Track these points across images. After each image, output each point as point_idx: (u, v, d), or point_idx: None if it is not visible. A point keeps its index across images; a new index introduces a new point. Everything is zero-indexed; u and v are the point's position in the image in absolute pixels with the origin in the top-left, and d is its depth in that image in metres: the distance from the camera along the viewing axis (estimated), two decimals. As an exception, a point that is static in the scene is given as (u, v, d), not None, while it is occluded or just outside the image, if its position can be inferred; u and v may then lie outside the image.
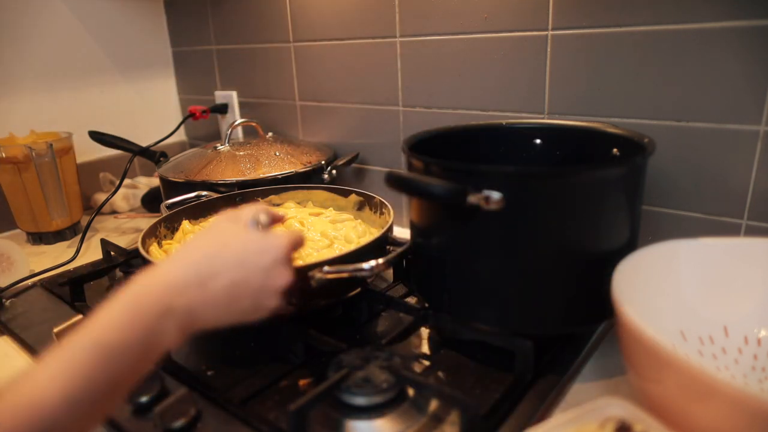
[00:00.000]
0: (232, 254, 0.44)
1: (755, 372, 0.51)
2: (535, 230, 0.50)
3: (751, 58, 0.61)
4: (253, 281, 0.44)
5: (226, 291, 0.43)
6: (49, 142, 0.95)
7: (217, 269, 0.43)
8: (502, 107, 0.82)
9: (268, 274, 0.45)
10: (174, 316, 0.41)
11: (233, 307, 0.44)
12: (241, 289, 0.44)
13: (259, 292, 0.45)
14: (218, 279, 0.43)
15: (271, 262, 0.45)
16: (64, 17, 1.13)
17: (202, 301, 0.42)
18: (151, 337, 0.39)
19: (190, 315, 0.42)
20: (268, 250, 0.45)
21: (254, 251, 0.45)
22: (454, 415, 0.49)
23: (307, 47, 1.04)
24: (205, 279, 0.43)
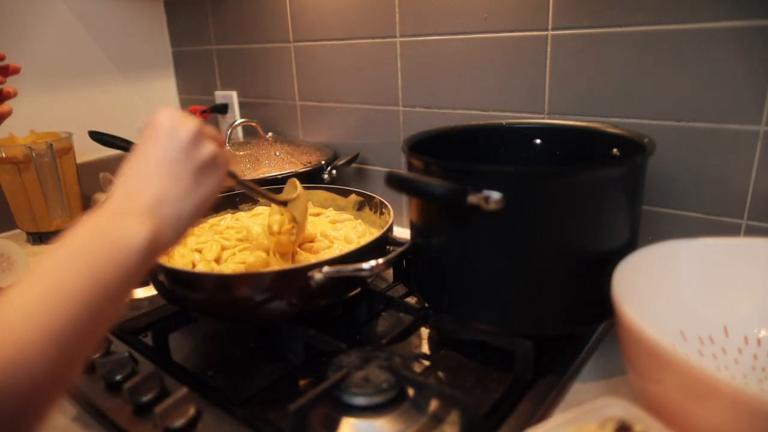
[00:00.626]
0: (149, 145, 0.43)
1: (755, 372, 0.51)
2: (535, 230, 0.50)
3: (751, 58, 0.61)
4: (182, 162, 0.43)
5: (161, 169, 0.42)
6: (49, 142, 0.96)
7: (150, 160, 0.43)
8: (502, 107, 0.82)
9: (191, 148, 0.43)
10: (133, 212, 0.40)
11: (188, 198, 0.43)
12: (179, 175, 0.43)
13: (196, 169, 0.44)
14: (149, 162, 0.42)
15: (188, 134, 0.43)
16: (65, 17, 1.13)
17: (168, 217, 0.41)
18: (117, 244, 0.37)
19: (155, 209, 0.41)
20: (177, 128, 0.44)
21: (169, 130, 0.43)
22: (454, 415, 0.48)
23: (307, 47, 1.04)
24: (139, 170, 0.42)
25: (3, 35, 1.05)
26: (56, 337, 0.32)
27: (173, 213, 0.42)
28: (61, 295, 0.33)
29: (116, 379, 0.55)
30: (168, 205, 0.42)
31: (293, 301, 0.57)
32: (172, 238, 0.42)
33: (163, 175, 0.42)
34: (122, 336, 0.63)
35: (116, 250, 0.37)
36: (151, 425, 0.49)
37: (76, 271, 0.35)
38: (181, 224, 0.43)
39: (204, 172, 0.44)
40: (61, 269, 0.35)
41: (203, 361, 0.60)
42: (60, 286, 0.34)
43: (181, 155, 0.43)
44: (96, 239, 0.37)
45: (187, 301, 0.60)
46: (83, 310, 0.33)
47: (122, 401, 0.52)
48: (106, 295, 0.35)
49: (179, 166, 0.43)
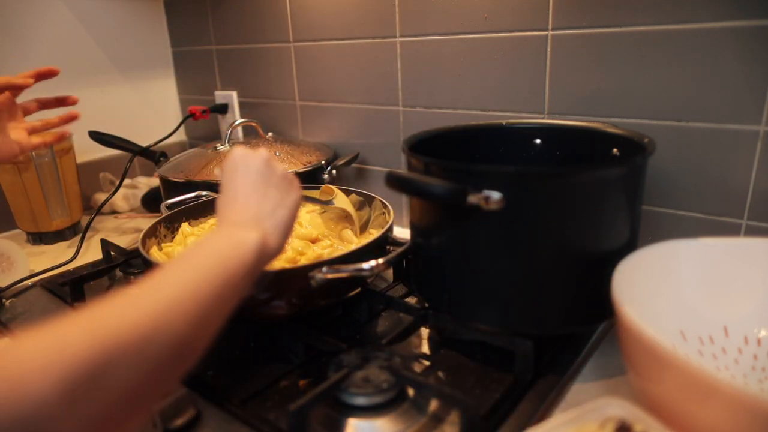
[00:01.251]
0: (233, 178, 0.51)
1: (755, 372, 0.51)
2: (535, 230, 0.50)
3: (751, 58, 0.61)
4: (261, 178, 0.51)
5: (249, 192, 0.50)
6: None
7: (239, 189, 0.50)
8: (502, 107, 0.82)
9: (268, 165, 0.52)
10: (244, 225, 0.46)
11: (279, 212, 0.50)
12: (261, 186, 0.50)
13: (277, 183, 0.51)
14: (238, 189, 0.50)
15: (257, 160, 0.52)
16: (65, 17, 1.13)
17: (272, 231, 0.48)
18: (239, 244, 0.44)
19: (257, 222, 0.47)
20: (248, 157, 0.52)
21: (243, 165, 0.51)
22: (454, 415, 0.49)
23: (307, 47, 1.04)
24: (234, 198, 0.49)
25: (3, 35, 1.05)
26: (196, 316, 0.37)
27: (273, 223, 0.49)
28: (199, 281, 0.39)
29: (116, 379, 0.55)
30: (266, 218, 0.49)
31: (293, 301, 0.57)
32: (278, 243, 0.48)
33: (253, 196, 0.50)
34: (122, 336, 0.63)
35: (239, 249, 0.43)
36: (151, 425, 0.49)
37: (210, 264, 0.40)
38: (282, 231, 0.49)
39: (282, 187, 0.52)
40: (196, 261, 0.40)
41: (203, 361, 0.60)
42: (197, 275, 0.39)
43: (260, 179, 0.51)
44: (222, 242, 0.44)
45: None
46: (215, 297, 0.39)
47: (122, 401, 0.52)
48: (232, 288, 0.41)
49: (262, 187, 0.50)
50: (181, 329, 0.35)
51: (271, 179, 0.51)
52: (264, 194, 0.50)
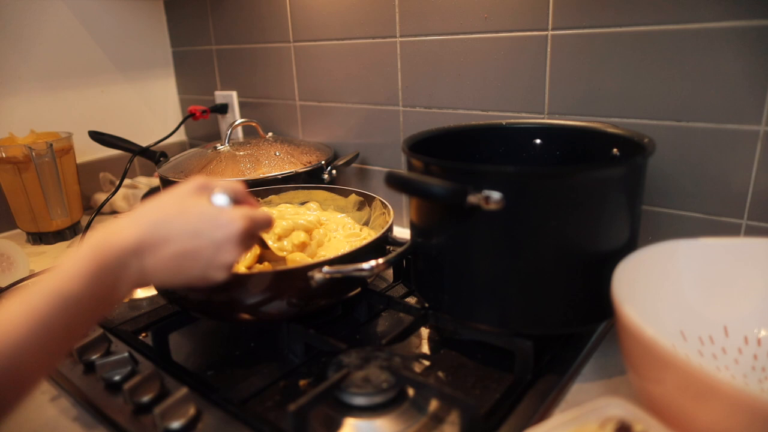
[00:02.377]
0: (187, 223, 0.46)
1: (755, 372, 0.51)
2: (535, 230, 0.50)
3: (751, 58, 0.61)
4: (202, 253, 0.46)
5: (175, 258, 0.45)
6: (49, 142, 0.96)
7: (170, 235, 0.45)
8: (502, 107, 0.82)
9: (219, 248, 0.46)
10: (128, 274, 0.43)
11: (181, 274, 0.46)
12: (189, 259, 0.46)
13: (208, 264, 0.46)
14: (169, 245, 0.45)
15: (223, 237, 0.46)
16: (65, 17, 1.13)
17: (152, 263, 0.45)
18: (106, 290, 0.42)
19: (142, 274, 0.44)
20: (223, 225, 0.46)
21: (208, 224, 0.46)
22: (454, 415, 0.49)
23: (307, 47, 1.04)
24: (157, 243, 0.45)
25: (3, 35, 1.05)
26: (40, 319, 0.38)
27: (153, 282, 0.47)
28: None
29: (116, 379, 0.55)
30: (159, 280, 0.46)
31: (293, 301, 0.57)
32: (132, 292, 0.46)
33: (172, 264, 0.45)
34: (122, 336, 0.64)
35: (103, 302, 0.43)
36: (151, 425, 0.49)
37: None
38: (149, 284, 0.47)
39: (209, 269, 0.47)
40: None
41: (203, 361, 0.60)
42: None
43: (203, 256, 0.46)
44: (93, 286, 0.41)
45: (187, 301, 0.60)
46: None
47: (122, 401, 0.52)
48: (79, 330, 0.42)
49: (190, 265, 0.46)
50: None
51: (216, 260, 0.46)
52: (181, 270, 0.46)
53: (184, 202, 0.47)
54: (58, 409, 0.55)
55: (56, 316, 0.39)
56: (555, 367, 0.55)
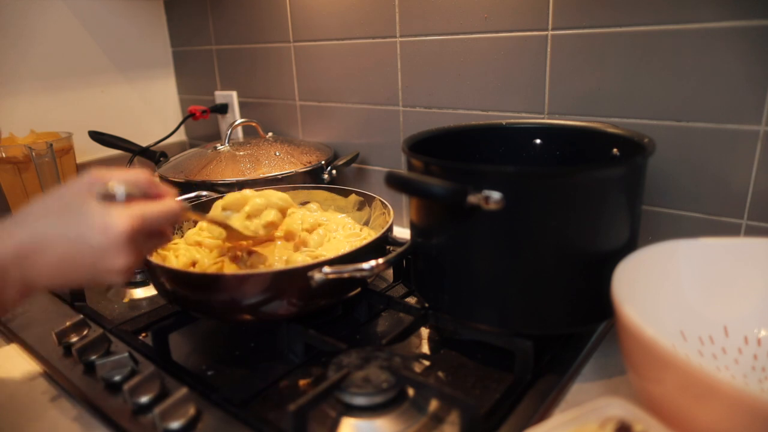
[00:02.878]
0: (67, 227, 0.43)
1: (755, 372, 0.51)
2: (535, 230, 0.50)
3: (751, 58, 0.61)
4: (83, 260, 0.43)
5: (56, 265, 0.43)
6: (49, 142, 0.96)
7: (48, 241, 0.43)
8: (502, 107, 0.82)
9: (102, 254, 0.43)
10: (10, 279, 0.43)
11: (67, 279, 0.45)
12: (71, 266, 0.44)
13: (93, 270, 0.44)
14: (48, 252, 0.43)
15: (106, 242, 0.43)
16: (65, 17, 1.13)
17: (35, 271, 0.43)
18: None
19: (26, 280, 0.43)
20: (104, 229, 0.43)
21: (89, 228, 0.43)
22: (454, 415, 0.49)
23: (307, 47, 1.04)
24: (36, 250, 0.43)
25: (3, 35, 1.05)
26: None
27: (41, 288, 0.45)
28: None
29: (116, 379, 0.55)
30: (46, 285, 0.45)
31: (293, 301, 0.57)
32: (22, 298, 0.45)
33: (58, 266, 0.43)
34: (122, 336, 0.64)
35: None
36: (151, 425, 0.49)
37: None
38: (38, 290, 0.46)
39: (99, 273, 0.44)
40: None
41: (203, 361, 0.60)
42: None
43: (84, 257, 0.43)
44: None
45: (187, 301, 0.60)
46: None
47: (122, 401, 0.52)
48: None
49: (74, 265, 0.44)
50: None
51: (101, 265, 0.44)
52: (70, 271, 0.44)
53: (69, 202, 0.44)
54: (58, 409, 0.55)
55: None
56: (555, 367, 0.55)
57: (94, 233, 0.43)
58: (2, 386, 0.59)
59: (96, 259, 0.43)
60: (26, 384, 0.59)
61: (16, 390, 0.58)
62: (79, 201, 0.44)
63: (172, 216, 0.48)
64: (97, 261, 0.43)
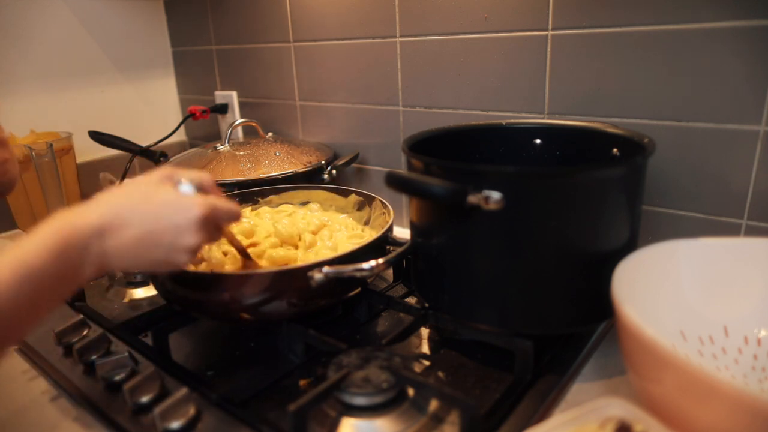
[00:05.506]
0: (149, 208, 0.47)
1: (755, 372, 0.51)
2: (535, 230, 0.50)
3: (751, 58, 0.61)
4: (163, 236, 0.47)
5: (137, 241, 0.46)
6: (49, 142, 0.95)
7: (132, 219, 0.46)
8: (502, 107, 0.82)
9: (179, 231, 0.47)
10: (90, 254, 0.45)
11: (144, 257, 0.47)
12: (150, 243, 0.47)
13: (169, 247, 0.48)
14: (131, 229, 0.46)
15: (185, 220, 0.47)
16: (65, 17, 1.13)
17: (114, 246, 0.46)
18: (70, 269, 0.43)
19: (105, 256, 0.45)
20: (184, 209, 0.48)
21: (170, 208, 0.48)
22: (454, 415, 0.48)
23: (307, 47, 1.04)
24: (119, 226, 0.46)
25: (3, 35, 1.05)
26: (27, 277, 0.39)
27: (116, 266, 0.47)
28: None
29: (116, 379, 0.55)
30: (122, 263, 0.47)
31: (293, 301, 0.57)
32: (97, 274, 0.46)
33: (138, 247, 0.46)
34: (122, 336, 0.63)
35: (66, 280, 0.44)
36: (151, 425, 0.49)
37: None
38: (114, 268, 0.48)
39: (172, 254, 0.48)
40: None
41: (203, 361, 0.60)
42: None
43: (165, 240, 0.47)
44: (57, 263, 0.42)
45: (187, 301, 0.60)
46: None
47: (122, 401, 0.52)
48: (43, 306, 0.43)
49: (154, 247, 0.47)
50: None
51: (177, 245, 0.48)
52: (151, 250, 0.47)
53: (148, 189, 0.49)
54: (58, 409, 0.55)
55: (20, 285, 0.39)
56: (555, 367, 0.55)
57: (176, 212, 0.47)
58: (2, 386, 0.59)
59: (174, 237, 0.47)
60: (26, 384, 0.59)
61: (16, 390, 0.58)
62: (159, 189, 0.49)
63: (234, 215, 0.53)
64: (174, 239, 0.47)
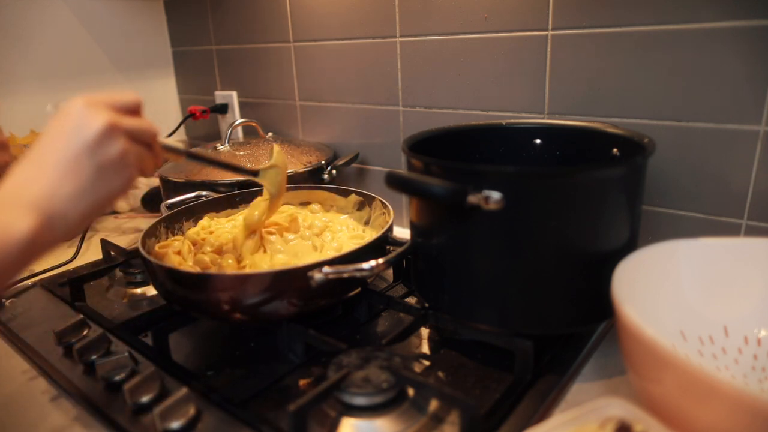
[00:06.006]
0: (52, 136, 0.43)
1: (755, 372, 0.51)
2: (535, 230, 0.50)
3: (751, 58, 0.61)
4: (83, 167, 0.42)
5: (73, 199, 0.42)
6: (49, 142, 0.95)
7: (49, 153, 0.42)
8: (502, 107, 0.82)
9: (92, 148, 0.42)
10: (20, 204, 0.40)
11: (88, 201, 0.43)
12: (80, 185, 0.42)
13: (97, 169, 0.43)
14: (47, 155, 0.42)
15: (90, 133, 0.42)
16: (65, 17, 1.13)
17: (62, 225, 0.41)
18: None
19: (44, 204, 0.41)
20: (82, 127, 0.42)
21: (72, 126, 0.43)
22: (454, 415, 0.48)
23: (307, 47, 1.04)
24: (37, 162, 0.42)
25: (3, 35, 1.05)
26: None
27: (62, 210, 0.41)
28: None
29: (116, 379, 0.55)
30: (58, 201, 0.41)
31: (293, 301, 0.57)
32: (59, 234, 0.42)
33: (58, 170, 0.41)
34: (122, 336, 0.63)
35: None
36: (151, 425, 0.49)
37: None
38: (71, 222, 0.42)
39: (108, 171, 0.43)
40: None
41: (203, 361, 0.60)
42: None
43: (83, 152, 0.42)
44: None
45: (187, 301, 0.60)
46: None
47: (122, 401, 0.52)
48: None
49: (79, 163, 0.42)
50: None
51: (97, 157, 0.42)
52: (74, 172, 0.41)
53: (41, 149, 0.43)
54: (58, 409, 0.55)
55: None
56: (555, 367, 0.55)
57: (82, 128, 0.42)
58: (2, 386, 0.59)
59: (92, 157, 0.42)
60: (26, 384, 0.59)
61: (16, 390, 0.58)
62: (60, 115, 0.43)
63: (149, 129, 0.47)
64: (93, 159, 0.42)
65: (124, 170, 0.44)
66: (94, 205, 0.43)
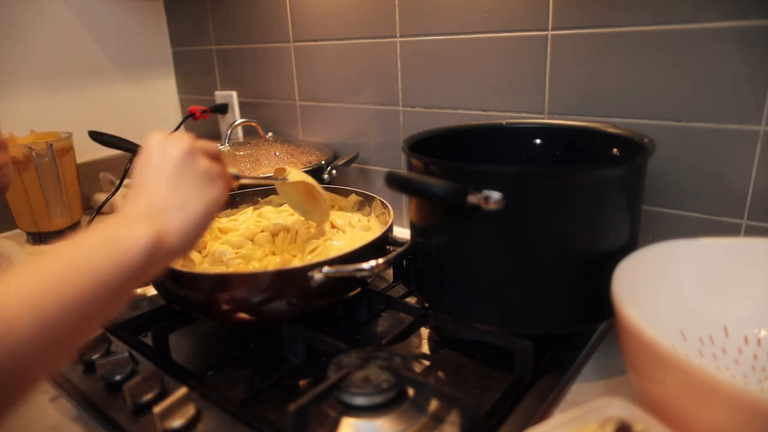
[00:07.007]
0: (145, 167, 0.48)
1: (755, 372, 0.51)
2: (535, 230, 0.50)
3: (751, 58, 0.61)
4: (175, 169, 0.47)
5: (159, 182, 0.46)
6: (49, 142, 0.95)
7: (148, 179, 0.47)
8: (502, 107, 0.82)
9: (185, 165, 0.47)
10: (137, 218, 0.43)
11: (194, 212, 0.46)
12: (173, 177, 0.46)
13: (198, 182, 0.48)
14: (149, 179, 0.46)
15: (180, 152, 0.47)
16: (65, 17, 1.13)
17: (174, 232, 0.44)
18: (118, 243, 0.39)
19: (158, 215, 0.44)
20: (173, 147, 0.48)
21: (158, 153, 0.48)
22: (454, 415, 0.48)
23: (307, 47, 1.04)
24: (141, 188, 0.46)
25: (3, 35, 1.05)
26: (46, 321, 0.33)
27: (177, 220, 0.45)
28: (58, 282, 0.34)
29: (116, 379, 0.55)
30: (171, 212, 0.45)
31: (293, 301, 0.57)
32: (179, 243, 0.44)
33: (161, 188, 0.46)
34: (122, 336, 0.64)
35: (117, 249, 0.39)
36: (151, 425, 0.49)
37: (77, 263, 0.36)
38: (187, 230, 0.45)
39: (201, 183, 0.48)
40: (63, 261, 0.36)
41: (203, 361, 0.60)
42: (58, 274, 0.35)
43: (176, 170, 0.47)
44: (99, 237, 0.39)
45: (187, 301, 0.60)
46: (78, 300, 0.35)
47: (122, 401, 0.52)
48: (104, 291, 0.37)
49: (177, 179, 0.47)
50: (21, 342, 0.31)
51: (188, 171, 0.47)
52: (174, 186, 0.46)
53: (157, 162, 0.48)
54: (58, 409, 0.55)
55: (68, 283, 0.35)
56: (555, 367, 0.55)
57: (167, 152, 0.47)
58: (2, 386, 0.59)
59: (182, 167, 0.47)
60: (26, 384, 0.59)
61: (16, 390, 0.58)
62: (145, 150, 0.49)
63: (214, 149, 0.53)
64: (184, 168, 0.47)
65: (215, 181, 0.49)
66: (201, 214, 0.47)
